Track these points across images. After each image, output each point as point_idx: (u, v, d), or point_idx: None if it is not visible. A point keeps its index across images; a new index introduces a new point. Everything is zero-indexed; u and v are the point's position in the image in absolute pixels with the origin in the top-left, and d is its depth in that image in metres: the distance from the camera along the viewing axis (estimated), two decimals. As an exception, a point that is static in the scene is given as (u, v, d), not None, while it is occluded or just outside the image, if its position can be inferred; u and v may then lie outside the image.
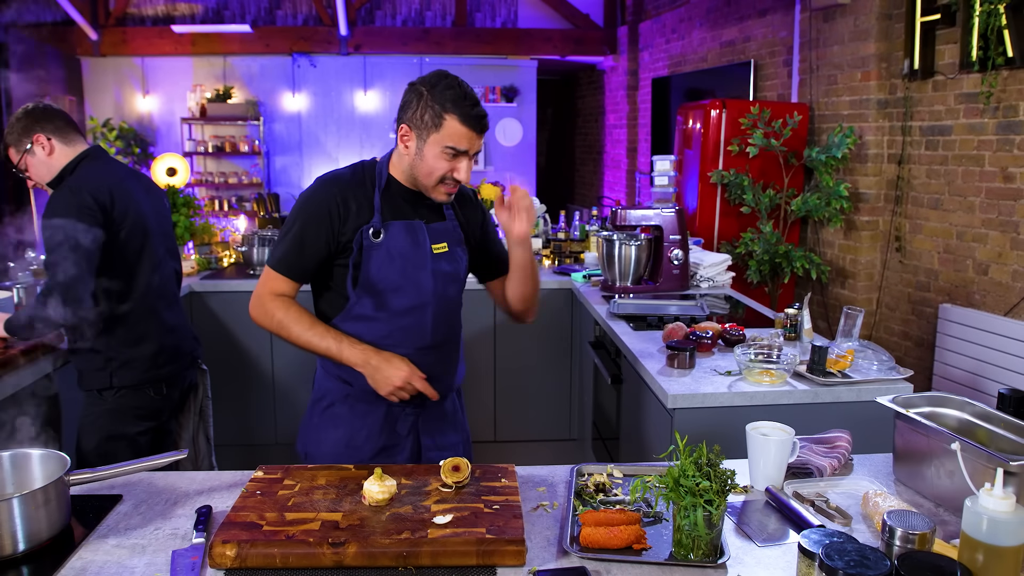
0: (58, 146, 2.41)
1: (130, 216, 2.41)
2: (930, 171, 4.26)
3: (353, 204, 1.89)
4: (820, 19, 5.05)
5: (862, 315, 2.52)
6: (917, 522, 1.27)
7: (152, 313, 2.49)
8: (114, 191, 2.38)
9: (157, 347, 2.48)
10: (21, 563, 1.35)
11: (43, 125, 2.39)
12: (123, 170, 2.52)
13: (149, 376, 2.46)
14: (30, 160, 2.40)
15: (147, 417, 2.49)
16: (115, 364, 2.41)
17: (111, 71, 8.77)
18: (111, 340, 2.41)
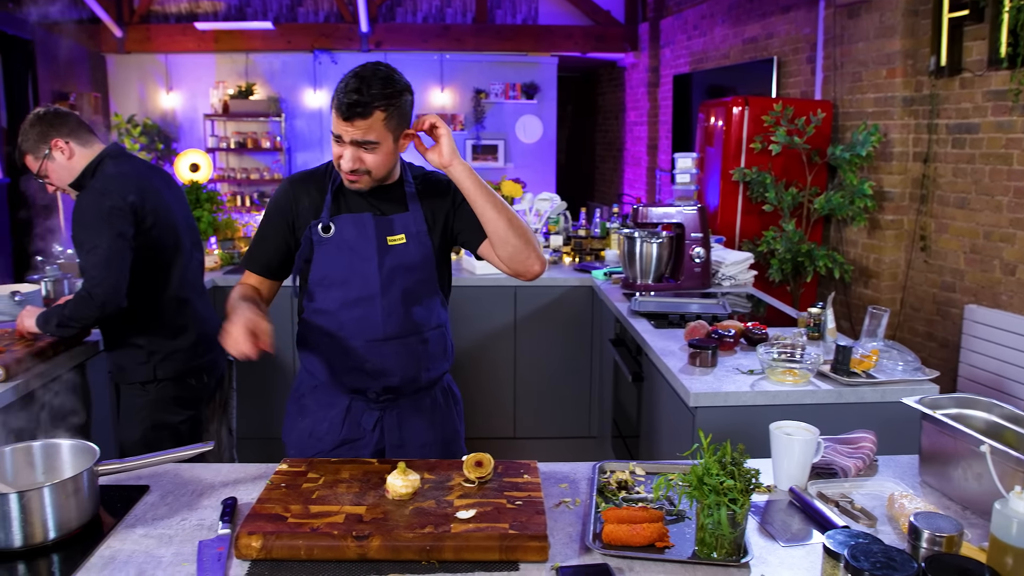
0: (77, 148, 2.42)
1: (159, 212, 2.43)
2: (956, 170, 4.21)
3: (306, 200, 1.93)
4: (845, 15, 5.00)
5: (887, 315, 2.49)
6: (945, 524, 1.26)
7: (187, 304, 2.53)
8: (141, 188, 2.40)
9: (195, 337, 2.53)
10: (52, 551, 1.37)
11: (59, 129, 2.39)
12: (144, 166, 2.54)
13: (190, 366, 2.51)
14: (50, 165, 2.41)
15: (188, 406, 2.55)
16: (157, 358, 2.45)
17: (135, 68, 8.86)
18: (151, 335, 2.45)
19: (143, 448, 2.38)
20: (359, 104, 1.76)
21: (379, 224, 1.92)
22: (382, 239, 1.92)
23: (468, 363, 4.16)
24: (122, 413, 2.51)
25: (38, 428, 2.08)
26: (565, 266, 4.37)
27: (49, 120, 2.40)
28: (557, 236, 4.61)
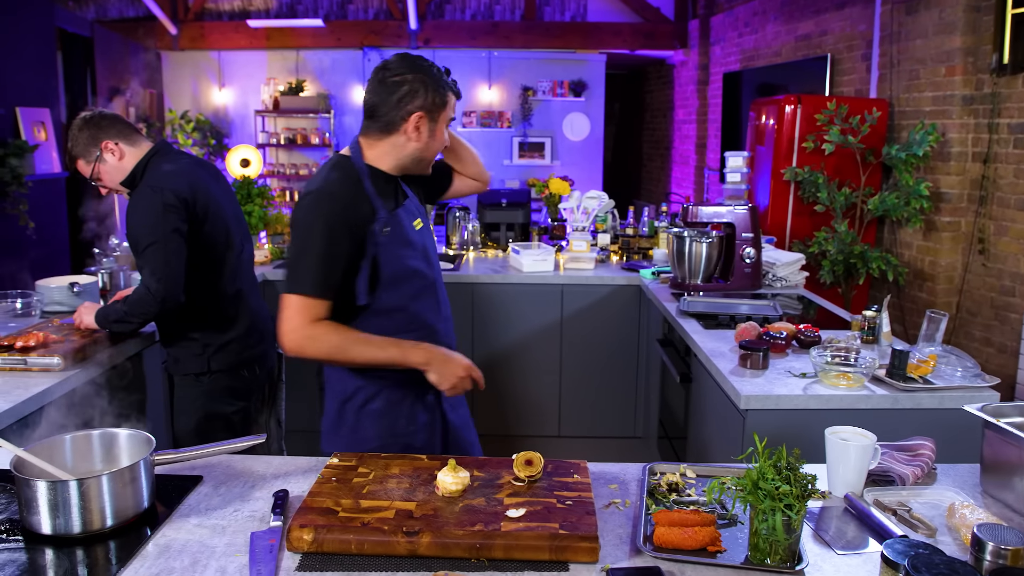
0: (127, 148, 2.45)
1: (210, 207, 2.47)
2: (1018, 170, 4.08)
3: (364, 206, 1.86)
4: (902, 12, 4.88)
5: (946, 319, 2.43)
6: (1010, 537, 1.21)
7: (239, 296, 2.57)
8: (192, 184, 2.43)
9: (247, 328, 2.57)
10: (109, 538, 1.40)
11: (107, 131, 2.43)
12: (192, 161, 2.57)
13: (243, 357, 2.56)
14: (102, 168, 2.45)
15: (241, 397, 2.59)
16: (211, 349, 2.50)
17: (189, 65, 9.04)
18: (205, 328, 2.50)
19: (196, 438, 2.43)
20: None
21: (411, 212, 2.01)
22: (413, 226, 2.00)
23: (514, 360, 4.16)
24: (176, 403, 2.56)
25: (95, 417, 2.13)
26: (612, 265, 4.34)
27: (97, 123, 2.44)
28: (604, 235, 4.58)
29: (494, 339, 4.13)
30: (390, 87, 1.86)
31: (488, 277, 4.07)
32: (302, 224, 1.83)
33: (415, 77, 1.85)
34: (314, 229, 1.80)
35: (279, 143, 9.00)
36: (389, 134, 1.90)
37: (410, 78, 1.85)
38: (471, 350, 4.13)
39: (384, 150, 1.92)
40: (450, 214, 4.88)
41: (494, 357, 4.15)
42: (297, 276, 1.82)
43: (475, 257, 4.56)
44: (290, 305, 1.82)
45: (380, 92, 1.87)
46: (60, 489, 1.36)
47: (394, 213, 1.92)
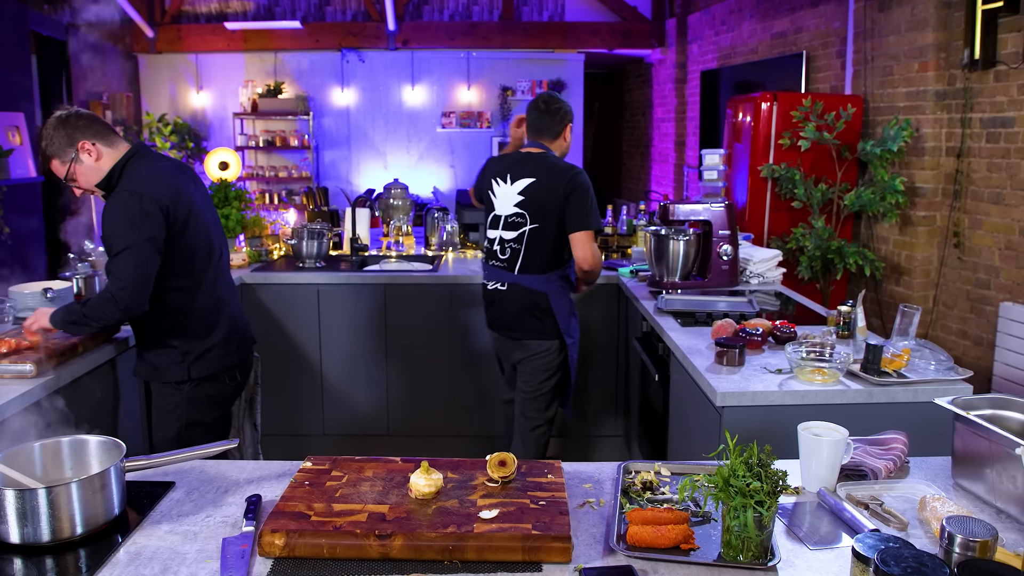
0: (104, 149, 2.39)
1: (191, 213, 2.42)
2: (991, 164, 4.13)
3: None
4: (875, 8, 4.92)
5: (919, 313, 2.45)
6: (978, 529, 1.23)
7: (219, 303, 2.53)
8: (172, 190, 2.37)
9: (227, 335, 2.53)
10: (79, 546, 1.38)
11: (84, 131, 2.36)
12: (172, 165, 2.52)
13: (224, 364, 2.52)
14: (77, 168, 2.38)
15: (221, 404, 2.57)
16: (191, 357, 2.46)
17: (166, 67, 8.97)
18: (185, 335, 2.46)
19: (176, 446, 2.39)
20: None
21: None
22: None
23: (493, 360, 4.15)
24: (155, 412, 2.52)
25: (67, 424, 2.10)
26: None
27: (73, 123, 2.37)
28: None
29: (473, 339, 4.13)
30: (555, 108, 3.12)
31: (467, 278, 4.07)
32: (587, 185, 3.00)
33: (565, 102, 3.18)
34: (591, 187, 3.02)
35: (258, 145, 8.94)
36: (556, 138, 3.15)
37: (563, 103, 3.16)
38: (450, 350, 4.13)
39: (557, 147, 3.16)
40: (429, 215, 4.87)
41: (473, 357, 4.14)
42: (593, 217, 3.00)
43: (454, 258, 4.55)
44: (590, 239, 3.00)
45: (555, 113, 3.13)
46: (28, 497, 1.35)
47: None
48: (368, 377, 4.15)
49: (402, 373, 4.15)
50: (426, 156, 9.25)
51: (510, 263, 3.10)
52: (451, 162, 9.28)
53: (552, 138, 3.12)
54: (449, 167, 9.29)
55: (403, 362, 4.14)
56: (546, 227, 3.02)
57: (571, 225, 2.98)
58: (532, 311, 3.07)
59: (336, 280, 4.07)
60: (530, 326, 3.09)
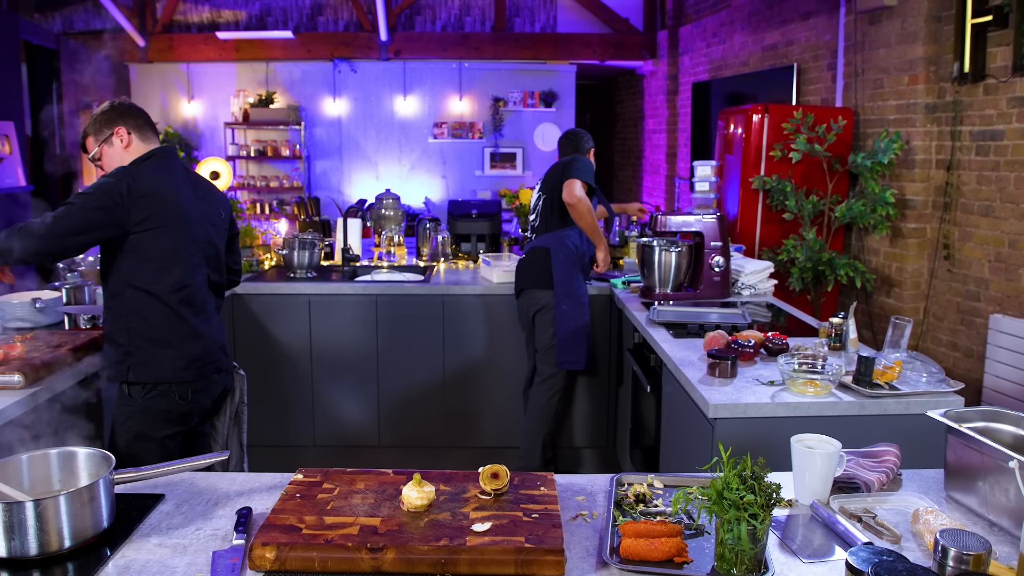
0: (135, 141, 2.48)
1: (165, 217, 2.38)
2: (981, 177, 4.15)
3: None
4: (866, 22, 4.96)
5: (911, 325, 2.46)
6: (972, 542, 1.23)
7: (178, 318, 2.44)
8: (161, 190, 2.37)
9: (178, 352, 2.43)
10: (67, 559, 1.37)
11: (126, 119, 2.47)
12: (182, 174, 2.52)
13: (165, 378, 2.41)
14: (106, 150, 2.47)
15: (175, 421, 2.46)
16: (133, 359, 2.39)
17: (157, 77, 8.95)
18: (133, 336, 2.40)
19: (128, 459, 2.31)
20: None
21: None
22: None
23: (484, 371, 4.15)
24: (113, 419, 2.45)
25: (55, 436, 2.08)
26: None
27: (120, 110, 2.48)
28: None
29: (464, 350, 4.12)
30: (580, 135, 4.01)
31: (459, 288, 4.06)
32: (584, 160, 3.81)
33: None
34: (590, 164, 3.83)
35: (249, 155, 8.93)
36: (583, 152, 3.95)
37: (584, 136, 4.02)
38: (442, 361, 4.12)
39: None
40: (420, 225, 4.87)
41: (464, 368, 4.13)
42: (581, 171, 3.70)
43: (445, 268, 4.55)
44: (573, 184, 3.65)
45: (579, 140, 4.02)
46: (16, 510, 1.33)
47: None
48: (359, 388, 4.13)
49: (393, 384, 4.14)
50: (418, 166, 9.25)
51: (533, 237, 3.91)
52: (443, 172, 9.28)
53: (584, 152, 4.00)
54: (441, 177, 9.29)
55: (394, 373, 4.12)
56: (552, 197, 3.77)
57: (565, 176, 3.69)
58: (536, 264, 3.75)
59: (327, 290, 4.06)
60: (533, 276, 3.75)
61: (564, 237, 3.77)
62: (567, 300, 3.69)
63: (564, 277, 3.70)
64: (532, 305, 3.78)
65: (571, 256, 3.75)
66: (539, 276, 3.74)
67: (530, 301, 3.79)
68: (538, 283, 3.74)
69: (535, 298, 3.76)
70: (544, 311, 3.75)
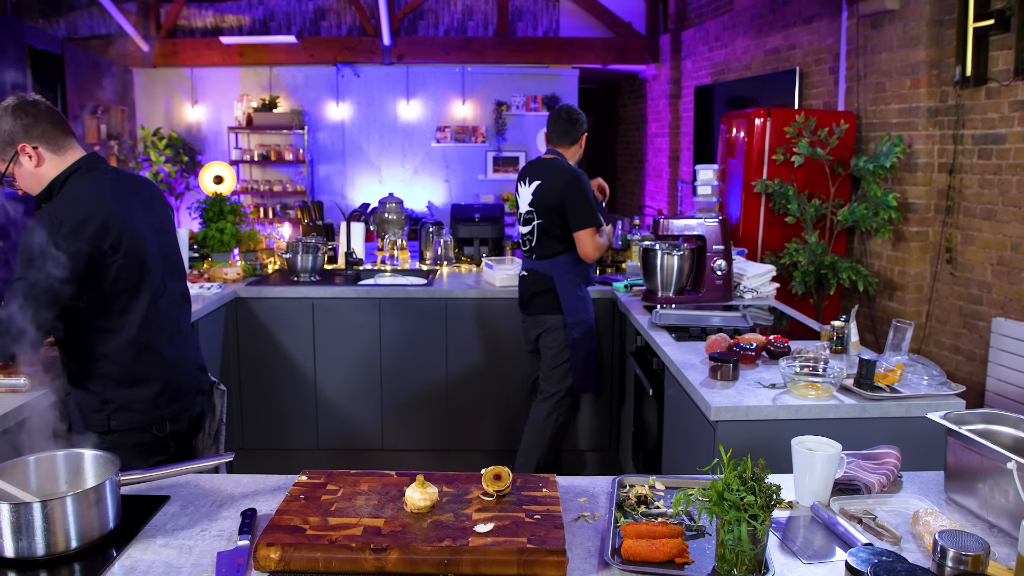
0: (47, 155, 2.11)
1: (123, 246, 2.10)
2: (983, 180, 4.16)
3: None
4: (868, 26, 4.97)
5: (912, 328, 2.46)
6: (971, 543, 1.23)
7: (149, 350, 2.20)
8: (103, 217, 2.07)
9: (159, 387, 2.21)
10: (73, 560, 1.38)
11: (29, 132, 2.08)
12: (119, 184, 2.21)
13: (151, 417, 2.21)
14: (17, 170, 2.12)
15: (155, 452, 2.25)
16: (112, 407, 2.16)
17: (161, 81, 8.99)
18: (106, 382, 2.15)
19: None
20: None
21: None
22: None
23: (487, 375, 4.16)
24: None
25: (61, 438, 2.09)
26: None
27: (21, 118, 2.08)
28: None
29: (467, 353, 4.13)
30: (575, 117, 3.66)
31: (462, 292, 4.08)
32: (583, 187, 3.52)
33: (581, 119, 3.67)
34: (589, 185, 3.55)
35: (252, 159, 8.96)
36: (573, 144, 3.67)
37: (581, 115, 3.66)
38: (445, 365, 4.13)
39: (572, 152, 3.68)
40: (423, 229, 4.88)
41: (467, 371, 4.14)
42: (590, 215, 3.48)
43: (449, 272, 4.56)
44: (590, 235, 3.49)
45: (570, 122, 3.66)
46: (23, 511, 1.34)
47: None
48: (362, 391, 4.15)
49: (396, 387, 4.15)
50: (421, 170, 9.27)
51: (529, 252, 3.72)
52: (446, 176, 9.31)
53: (569, 144, 3.68)
54: (444, 181, 9.31)
55: (397, 376, 4.13)
56: (549, 222, 3.58)
57: (574, 225, 3.51)
58: (541, 291, 3.64)
59: (331, 294, 4.07)
60: (539, 303, 3.66)
61: (566, 262, 3.62)
62: (578, 327, 3.61)
63: (572, 304, 3.61)
64: (537, 327, 3.70)
65: (575, 279, 3.65)
66: (544, 302, 3.64)
67: (536, 323, 3.71)
68: (543, 309, 3.64)
69: (541, 321, 3.68)
70: (548, 332, 3.66)
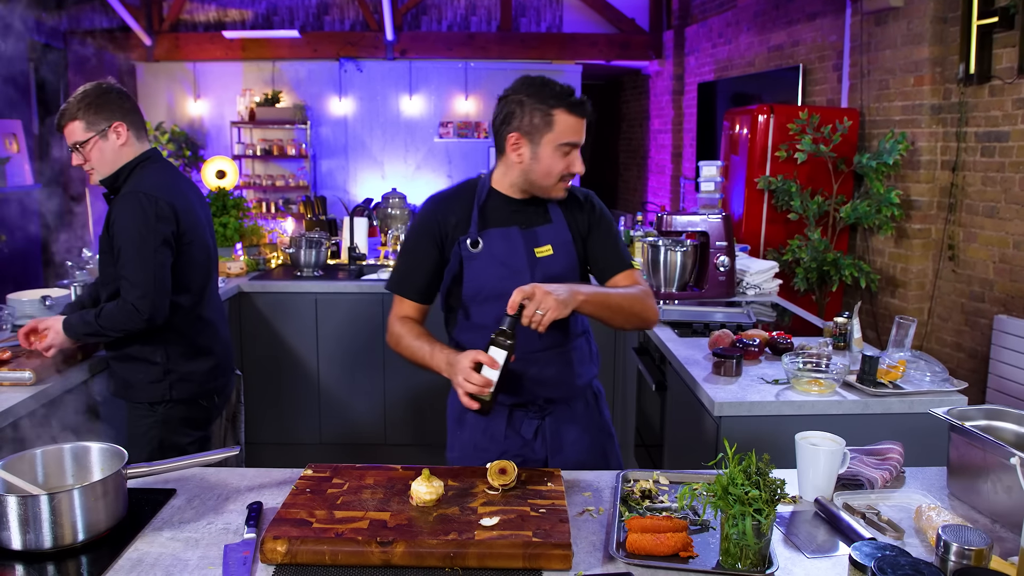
0: (132, 140, 2.29)
1: (195, 228, 2.33)
2: (986, 178, 4.16)
3: (452, 218, 1.95)
4: (872, 23, 4.96)
5: (914, 325, 2.47)
6: (973, 537, 1.24)
7: (212, 326, 2.44)
8: (183, 199, 2.30)
9: (216, 361, 2.43)
10: (80, 553, 1.39)
11: (127, 113, 2.28)
12: (179, 175, 2.43)
13: (206, 388, 2.41)
14: (101, 144, 2.25)
15: (198, 427, 2.45)
16: (174, 377, 2.33)
17: (164, 76, 8.98)
18: (171, 353, 2.33)
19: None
20: (588, 101, 1.91)
21: (526, 237, 1.95)
22: (530, 251, 1.94)
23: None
24: (129, 431, 2.38)
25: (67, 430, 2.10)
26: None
27: (120, 99, 2.27)
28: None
29: (472, 349, 4.13)
30: (498, 109, 1.94)
31: (465, 287, 4.08)
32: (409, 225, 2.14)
33: (514, 98, 1.89)
34: (408, 231, 2.04)
35: (255, 154, 8.95)
36: (502, 154, 1.96)
37: (511, 99, 1.89)
38: (449, 360, 4.13)
39: (502, 170, 1.98)
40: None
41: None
42: (391, 273, 2.06)
43: (452, 267, 4.56)
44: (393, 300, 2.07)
45: (495, 114, 1.96)
46: (31, 504, 1.35)
47: (488, 231, 1.93)
48: (365, 386, 4.16)
49: (399, 382, 4.16)
50: (423, 166, 9.27)
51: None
52: (448, 172, 9.30)
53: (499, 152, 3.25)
54: (447, 177, 9.31)
55: (400, 371, 4.14)
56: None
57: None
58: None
59: (334, 289, 4.08)
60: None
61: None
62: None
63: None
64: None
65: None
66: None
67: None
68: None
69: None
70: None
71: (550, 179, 1.90)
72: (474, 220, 1.93)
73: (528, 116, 1.86)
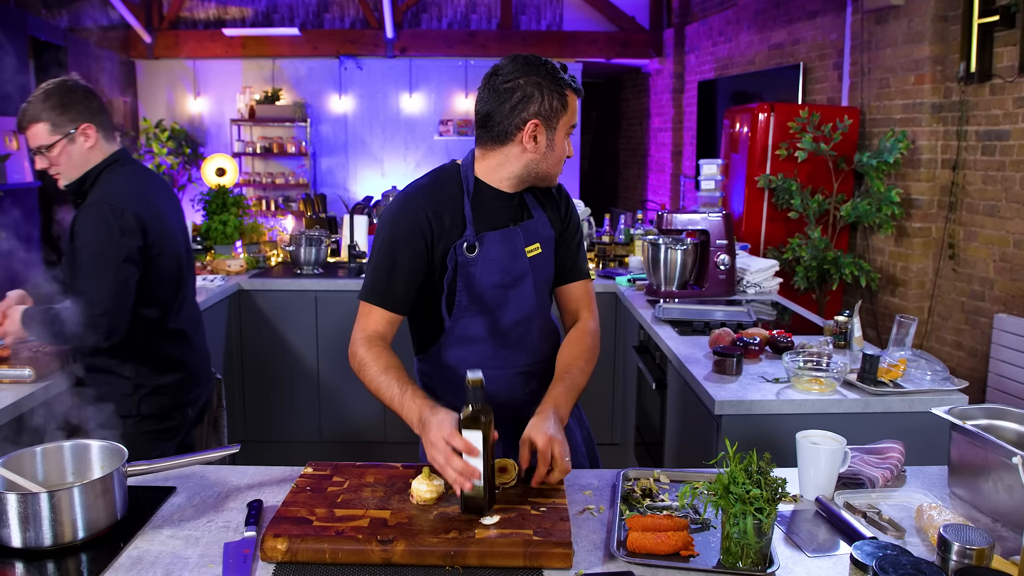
0: (101, 143, 2.17)
1: (165, 236, 2.20)
2: (986, 177, 4.16)
3: (446, 218, 1.73)
4: (872, 21, 4.96)
5: (915, 324, 2.46)
6: (975, 537, 1.24)
7: (183, 337, 2.31)
8: (151, 208, 2.16)
9: (186, 373, 2.32)
10: (80, 550, 1.39)
11: (95, 114, 2.15)
12: (151, 178, 2.28)
13: (177, 401, 2.31)
14: (68, 148, 2.13)
15: (169, 439, 2.33)
16: (143, 391, 2.22)
17: (164, 73, 8.98)
18: (140, 367, 2.22)
19: None
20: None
21: (525, 236, 1.78)
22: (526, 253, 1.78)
23: (491, 368, 4.16)
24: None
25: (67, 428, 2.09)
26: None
27: (87, 98, 2.14)
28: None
29: (472, 347, 4.13)
30: (502, 94, 1.70)
31: (465, 285, 4.07)
32: (381, 224, 1.78)
33: (528, 80, 1.68)
34: (385, 232, 1.74)
35: (255, 152, 8.95)
36: (503, 144, 1.74)
37: (523, 82, 1.68)
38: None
39: (497, 161, 1.76)
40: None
41: (472, 365, 4.14)
42: (364, 280, 1.77)
43: (452, 265, 4.56)
44: (358, 311, 1.77)
45: (491, 100, 1.71)
46: (31, 502, 1.35)
47: (486, 235, 1.74)
48: (365, 384, 4.15)
49: (399, 380, 4.15)
50: (423, 164, 9.26)
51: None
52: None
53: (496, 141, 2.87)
54: (446, 175, 9.31)
55: (400, 369, 4.13)
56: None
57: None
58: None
59: (334, 287, 4.08)
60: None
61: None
62: None
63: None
64: None
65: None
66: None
67: None
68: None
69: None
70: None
71: (560, 166, 1.76)
72: (469, 220, 1.73)
73: (547, 100, 1.69)
